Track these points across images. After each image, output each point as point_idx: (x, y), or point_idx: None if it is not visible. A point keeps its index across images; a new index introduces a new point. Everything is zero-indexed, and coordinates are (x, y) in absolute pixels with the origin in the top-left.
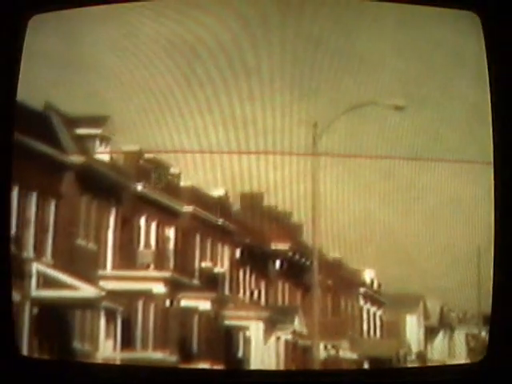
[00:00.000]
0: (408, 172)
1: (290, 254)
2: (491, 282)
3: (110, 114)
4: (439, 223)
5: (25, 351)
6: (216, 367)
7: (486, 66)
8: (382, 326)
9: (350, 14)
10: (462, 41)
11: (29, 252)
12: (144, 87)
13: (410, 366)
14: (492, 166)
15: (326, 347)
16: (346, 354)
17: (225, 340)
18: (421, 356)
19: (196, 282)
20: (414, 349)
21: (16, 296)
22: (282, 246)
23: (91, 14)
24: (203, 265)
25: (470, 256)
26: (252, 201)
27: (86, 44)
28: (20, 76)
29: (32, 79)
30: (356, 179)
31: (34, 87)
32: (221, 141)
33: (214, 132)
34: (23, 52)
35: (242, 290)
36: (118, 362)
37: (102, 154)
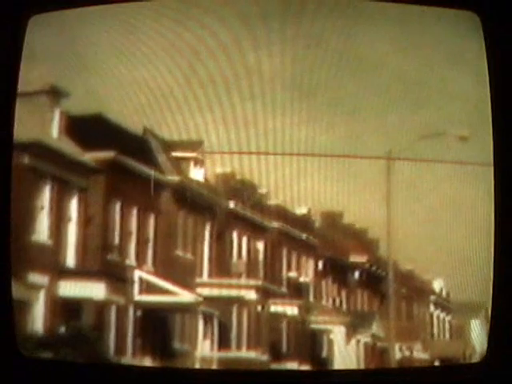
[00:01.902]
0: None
1: (368, 265)
2: None
3: (203, 139)
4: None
5: (129, 351)
6: (303, 366)
7: (486, 66)
8: (450, 329)
9: (350, 13)
10: (462, 41)
11: (131, 260)
12: (144, 87)
13: (409, 366)
14: (492, 166)
15: (401, 348)
16: (419, 354)
17: (310, 342)
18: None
19: (284, 289)
20: (478, 349)
21: (120, 300)
22: (360, 258)
23: (91, 13)
24: (290, 275)
25: None
26: (332, 218)
27: (85, 44)
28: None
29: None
30: (429, 194)
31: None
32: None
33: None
34: (23, 52)
35: (325, 298)
36: (214, 362)
37: (197, 174)
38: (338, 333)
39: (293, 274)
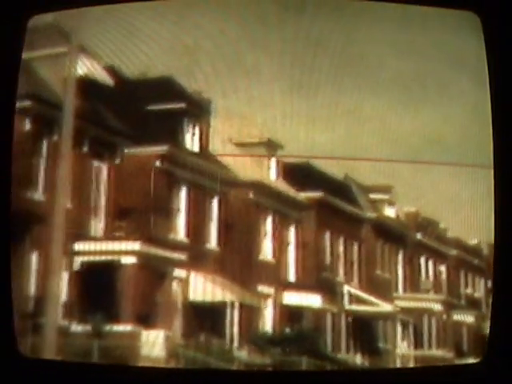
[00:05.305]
0: None
1: None
2: None
3: (394, 185)
4: None
5: (343, 348)
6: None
7: (486, 66)
8: None
9: (349, 14)
10: (462, 41)
11: (340, 277)
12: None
13: (409, 366)
14: (492, 166)
15: None
16: None
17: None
18: None
19: (463, 302)
20: None
21: (334, 308)
22: None
23: (91, 13)
24: (467, 291)
25: None
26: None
27: (86, 44)
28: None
29: None
30: None
31: None
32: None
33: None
34: (23, 52)
35: None
36: (411, 358)
37: (390, 212)
38: None
39: (469, 290)
